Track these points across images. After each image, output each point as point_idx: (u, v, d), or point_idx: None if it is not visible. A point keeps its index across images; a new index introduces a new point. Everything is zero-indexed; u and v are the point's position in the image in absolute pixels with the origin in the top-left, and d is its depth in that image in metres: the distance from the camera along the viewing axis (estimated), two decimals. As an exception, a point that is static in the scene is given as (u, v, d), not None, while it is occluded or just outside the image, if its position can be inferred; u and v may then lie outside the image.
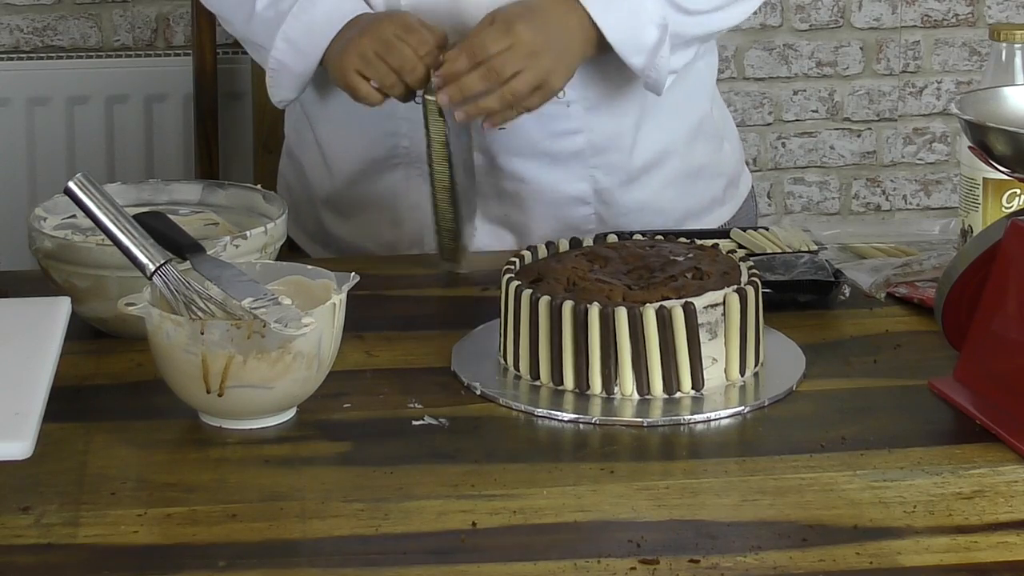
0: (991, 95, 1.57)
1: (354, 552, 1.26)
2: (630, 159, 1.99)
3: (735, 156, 2.13)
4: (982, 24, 3.37)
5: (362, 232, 2.04)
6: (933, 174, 3.46)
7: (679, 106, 2.01)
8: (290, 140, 2.13)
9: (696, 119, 2.05)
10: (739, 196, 2.12)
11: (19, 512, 1.31)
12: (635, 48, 1.85)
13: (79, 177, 1.48)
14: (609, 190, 1.99)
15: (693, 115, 2.04)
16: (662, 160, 2.01)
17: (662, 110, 1.99)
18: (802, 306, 1.72)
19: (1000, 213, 1.74)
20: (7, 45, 3.19)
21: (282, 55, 1.89)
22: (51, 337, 1.45)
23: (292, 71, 1.90)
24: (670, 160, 2.02)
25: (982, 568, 1.24)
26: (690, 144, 2.04)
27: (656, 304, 1.50)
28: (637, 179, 2.00)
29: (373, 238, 2.03)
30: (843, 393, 1.54)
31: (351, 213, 2.04)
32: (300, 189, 2.10)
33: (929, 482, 1.37)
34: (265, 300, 1.45)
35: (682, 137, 2.03)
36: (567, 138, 1.96)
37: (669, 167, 2.02)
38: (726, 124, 2.13)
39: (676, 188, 2.03)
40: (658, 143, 2.00)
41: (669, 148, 2.02)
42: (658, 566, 1.24)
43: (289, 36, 1.88)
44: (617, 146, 1.98)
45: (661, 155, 2.01)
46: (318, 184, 2.06)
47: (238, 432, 1.46)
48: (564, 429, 1.48)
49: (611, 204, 1.99)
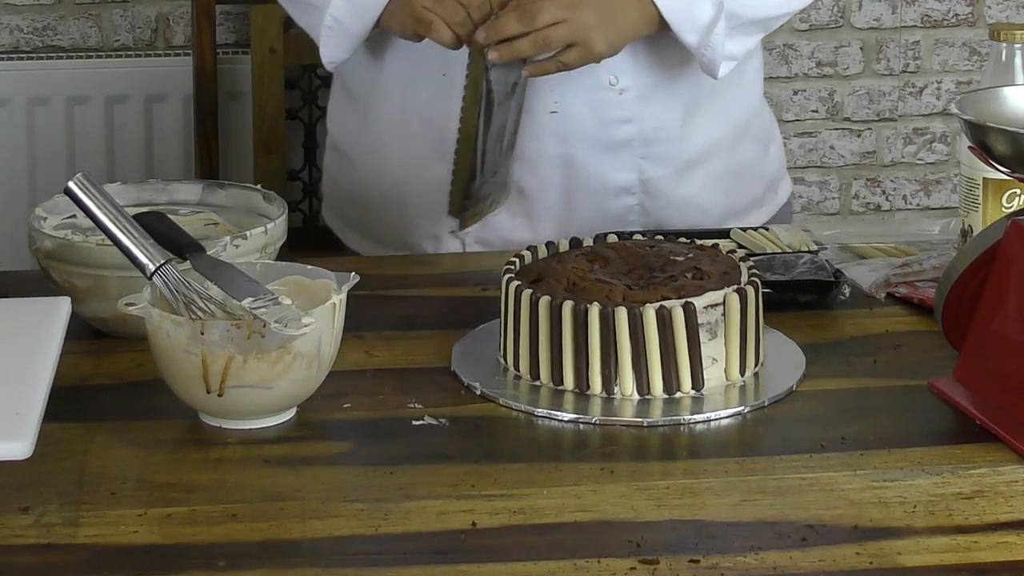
0: (991, 95, 1.57)
1: (354, 552, 1.26)
2: (678, 152, 1.99)
3: (778, 161, 2.14)
4: (982, 24, 3.37)
5: (405, 224, 2.04)
6: (933, 174, 3.46)
7: (728, 104, 2.02)
8: (334, 134, 2.12)
9: (744, 119, 2.06)
10: (777, 201, 2.12)
11: (19, 512, 1.31)
12: (690, 25, 1.87)
13: (79, 177, 1.48)
14: (655, 181, 1.99)
15: (741, 115, 2.05)
16: (708, 156, 2.02)
17: (712, 106, 2.00)
18: (802, 306, 1.72)
19: (1000, 213, 1.74)
20: (7, 45, 3.19)
21: (340, 13, 1.91)
22: (51, 337, 1.45)
23: (348, 30, 1.92)
24: (716, 157, 2.03)
25: (982, 568, 1.24)
26: (736, 143, 2.05)
27: (656, 304, 1.50)
28: (683, 173, 2.01)
29: (415, 230, 2.03)
30: (843, 393, 1.54)
31: (397, 203, 2.04)
32: (345, 180, 2.10)
33: (929, 482, 1.37)
34: (265, 300, 1.45)
35: (729, 135, 2.03)
36: (618, 126, 1.96)
37: (714, 164, 2.03)
38: (772, 128, 2.14)
39: (719, 186, 2.04)
40: (705, 139, 2.01)
41: (716, 145, 2.02)
42: (658, 566, 1.24)
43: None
44: (666, 137, 1.98)
45: (708, 151, 2.02)
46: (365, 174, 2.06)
47: (238, 432, 1.46)
48: (564, 429, 1.48)
49: (656, 196, 1.99)
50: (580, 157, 1.97)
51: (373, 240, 2.08)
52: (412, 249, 2.03)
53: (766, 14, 1.94)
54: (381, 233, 2.07)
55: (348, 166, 2.09)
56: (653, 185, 2.00)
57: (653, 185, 2.00)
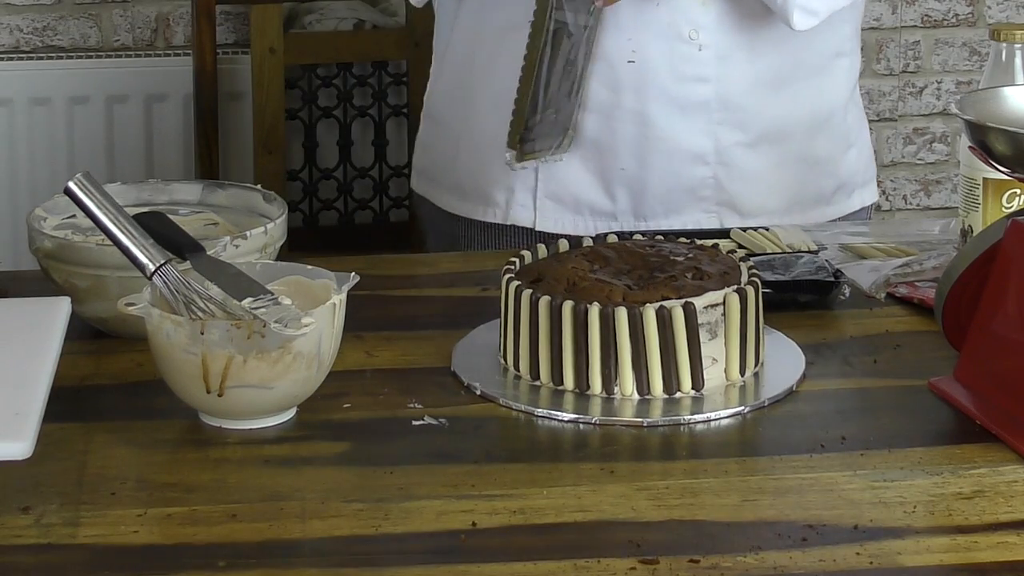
0: (991, 95, 1.57)
1: (354, 552, 1.26)
2: (754, 121, 1.98)
3: (858, 166, 2.11)
4: (982, 24, 3.37)
5: (486, 177, 2.04)
6: (933, 174, 3.46)
7: (811, 92, 2.01)
8: (431, 104, 2.13)
9: (825, 112, 2.04)
10: (848, 206, 2.10)
11: (19, 512, 1.31)
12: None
13: (79, 177, 1.48)
14: (729, 150, 1.98)
15: (823, 107, 2.04)
16: (783, 137, 2.01)
17: (794, 88, 1.99)
18: (802, 306, 1.72)
19: (1000, 213, 1.74)
20: (7, 45, 3.19)
21: None
22: (51, 337, 1.46)
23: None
24: (790, 140, 2.01)
25: (982, 568, 1.24)
26: (813, 134, 2.03)
27: (656, 304, 1.50)
28: (757, 145, 2.00)
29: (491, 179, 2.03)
30: (843, 393, 1.54)
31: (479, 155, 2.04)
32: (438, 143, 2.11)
33: (929, 482, 1.37)
34: (265, 300, 1.45)
35: (806, 122, 2.02)
36: (695, 85, 1.95)
37: (789, 146, 2.02)
38: (858, 132, 2.12)
39: (790, 169, 2.02)
40: (783, 118, 2.00)
41: (792, 128, 2.01)
42: (658, 566, 1.24)
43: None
44: (743, 105, 1.97)
45: (783, 131, 2.01)
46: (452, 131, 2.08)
47: (238, 432, 1.45)
48: (564, 429, 1.48)
49: (730, 166, 1.98)
50: (654, 114, 1.95)
51: (459, 196, 2.08)
52: (487, 202, 2.04)
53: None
54: (469, 187, 2.07)
55: (437, 127, 2.10)
56: (727, 154, 1.98)
57: (727, 154, 1.98)
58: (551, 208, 2.01)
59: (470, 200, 2.06)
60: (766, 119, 2.00)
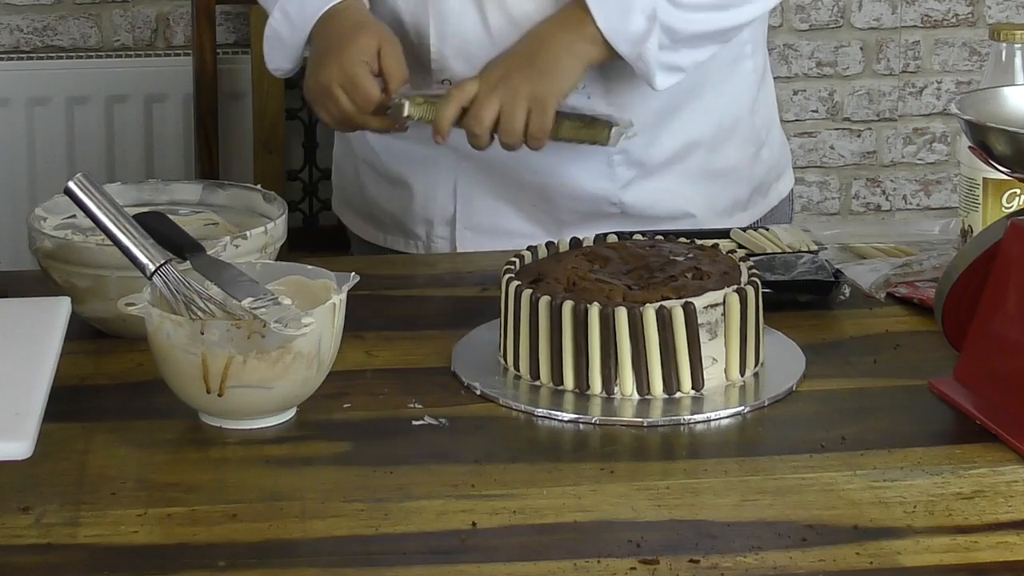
0: (991, 95, 1.57)
1: (354, 552, 1.26)
2: (655, 151, 1.98)
3: (770, 164, 2.11)
4: (982, 24, 3.37)
5: (402, 205, 2.05)
6: (933, 174, 3.46)
7: (712, 106, 2.01)
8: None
9: (730, 121, 2.04)
10: (766, 204, 2.10)
11: (19, 512, 1.31)
12: (623, 36, 1.85)
13: (79, 177, 1.48)
14: (632, 184, 1.98)
15: (727, 117, 2.03)
16: (684, 156, 2.01)
17: (693, 107, 1.99)
18: (802, 306, 1.72)
19: (1000, 213, 1.74)
20: (7, 45, 3.19)
21: (278, 24, 1.93)
22: (51, 337, 1.45)
23: (286, 43, 1.94)
24: (692, 157, 2.01)
25: (982, 568, 1.24)
26: (718, 145, 2.03)
27: (656, 304, 1.50)
28: (661, 172, 2.00)
29: (410, 212, 2.05)
30: (843, 393, 1.54)
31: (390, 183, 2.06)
32: (348, 165, 2.12)
33: (929, 482, 1.37)
34: (265, 300, 1.45)
35: (709, 137, 2.02)
36: None
37: (691, 164, 2.01)
38: (769, 132, 2.11)
39: (695, 186, 2.02)
40: (682, 139, 2.00)
41: (694, 145, 2.01)
42: (658, 566, 1.24)
43: (286, 8, 1.92)
44: (641, 141, 1.96)
45: (684, 151, 2.00)
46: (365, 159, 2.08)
47: (238, 432, 1.46)
48: (564, 429, 1.48)
49: (637, 196, 1.99)
50: (552, 163, 1.95)
51: (376, 226, 2.09)
52: (407, 234, 2.05)
53: (710, 28, 1.90)
54: (382, 218, 2.08)
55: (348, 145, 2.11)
56: (631, 188, 1.98)
57: (631, 188, 1.98)
58: (469, 237, 2.02)
59: (390, 232, 2.07)
60: (666, 146, 2.00)
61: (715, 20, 1.91)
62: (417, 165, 2.02)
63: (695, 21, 1.89)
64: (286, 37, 1.93)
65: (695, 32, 1.89)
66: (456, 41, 1.91)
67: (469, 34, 1.91)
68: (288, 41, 1.93)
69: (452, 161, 1.99)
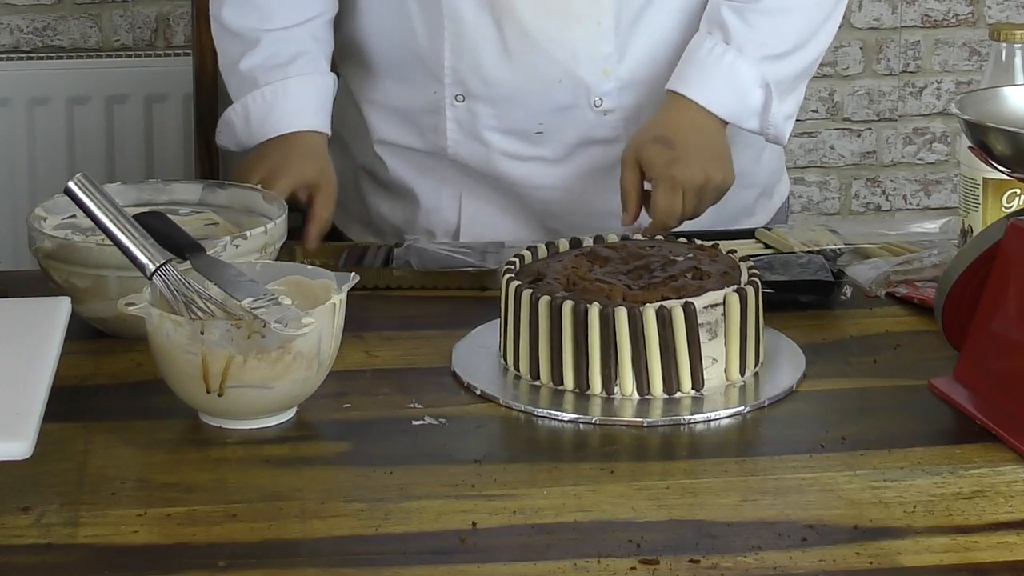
0: (991, 95, 1.57)
1: (354, 552, 1.26)
2: None
3: (772, 166, 2.12)
4: (982, 24, 3.37)
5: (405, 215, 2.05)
6: (933, 174, 3.46)
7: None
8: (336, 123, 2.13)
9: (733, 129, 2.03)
10: (771, 207, 2.11)
11: (19, 512, 1.31)
12: (746, 114, 1.88)
13: (79, 177, 1.48)
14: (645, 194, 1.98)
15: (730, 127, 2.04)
16: None
17: None
18: (802, 306, 1.72)
19: (1000, 213, 1.74)
20: (7, 45, 3.19)
21: (236, 118, 1.95)
22: (51, 337, 1.45)
23: (237, 136, 1.96)
24: None
25: (982, 568, 1.24)
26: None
27: (656, 304, 1.50)
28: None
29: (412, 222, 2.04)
30: (843, 393, 1.54)
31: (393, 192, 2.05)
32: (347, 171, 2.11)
33: (929, 482, 1.37)
34: (265, 300, 1.45)
35: None
36: (604, 147, 1.96)
37: None
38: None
39: None
40: None
41: None
42: (658, 566, 1.24)
43: (248, 106, 1.94)
44: None
45: None
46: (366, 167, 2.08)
47: (238, 432, 1.46)
48: (564, 429, 1.48)
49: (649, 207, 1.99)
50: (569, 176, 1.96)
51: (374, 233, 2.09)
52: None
53: (806, 64, 1.93)
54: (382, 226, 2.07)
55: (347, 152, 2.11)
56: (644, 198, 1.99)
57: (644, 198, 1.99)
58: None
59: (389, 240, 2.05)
60: None
61: (808, 55, 1.93)
62: (423, 176, 2.01)
63: (794, 63, 1.91)
64: (239, 133, 1.95)
65: (795, 74, 1.92)
66: (471, 56, 1.91)
67: (485, 49, 1.90)
68: (240, 137, 1.95)
69: (458, 174, 1.99)
